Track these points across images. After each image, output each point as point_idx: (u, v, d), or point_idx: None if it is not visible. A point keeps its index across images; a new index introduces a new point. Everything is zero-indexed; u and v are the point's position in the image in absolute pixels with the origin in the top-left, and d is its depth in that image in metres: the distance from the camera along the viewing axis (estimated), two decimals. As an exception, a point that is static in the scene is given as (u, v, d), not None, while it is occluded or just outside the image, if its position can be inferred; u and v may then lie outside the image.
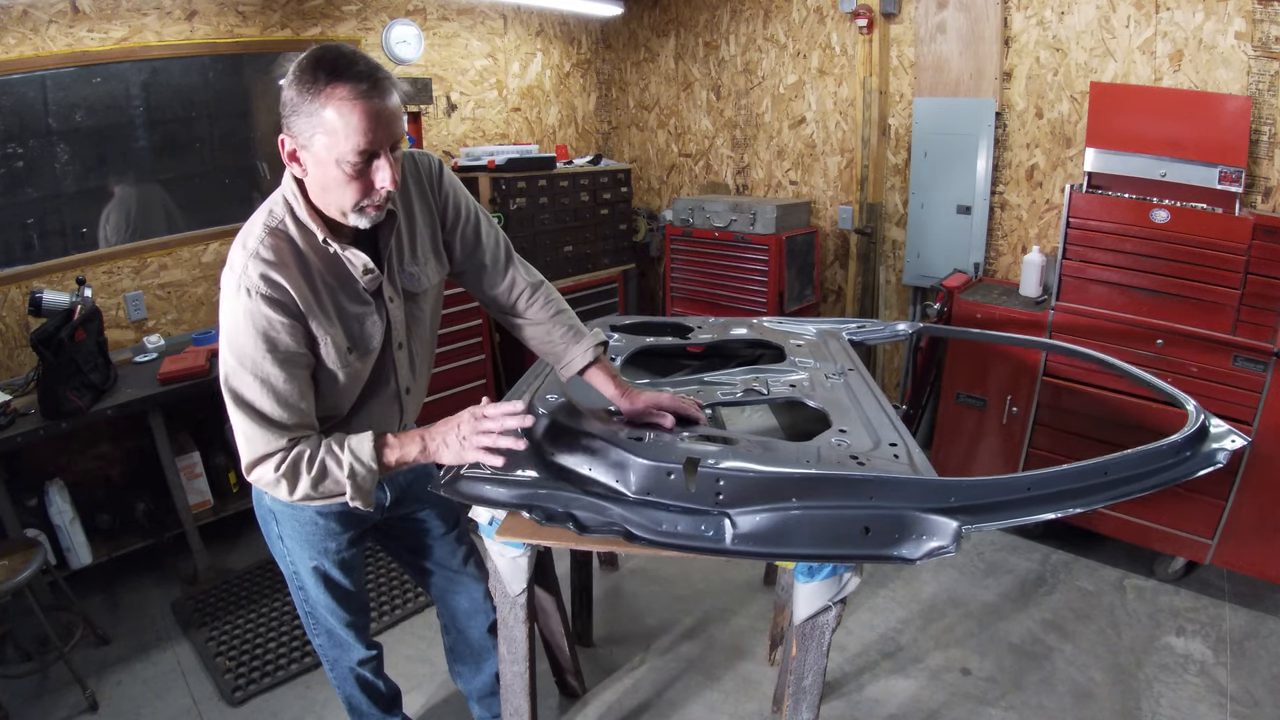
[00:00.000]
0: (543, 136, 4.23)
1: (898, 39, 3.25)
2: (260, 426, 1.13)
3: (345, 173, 1.08)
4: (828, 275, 3.78)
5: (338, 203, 1.13)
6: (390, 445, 1.21)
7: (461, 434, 1.21)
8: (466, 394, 3.29)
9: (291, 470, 1.15)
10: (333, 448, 1.17)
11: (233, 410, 1.14)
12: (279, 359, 1.12)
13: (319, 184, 1.13)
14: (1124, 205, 2.38)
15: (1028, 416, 2.67)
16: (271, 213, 1.17)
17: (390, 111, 1.08)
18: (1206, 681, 2.07)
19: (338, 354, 1.20)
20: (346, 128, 1.04)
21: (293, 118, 1.07)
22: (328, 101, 1.04)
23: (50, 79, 2.55)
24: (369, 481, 1.19)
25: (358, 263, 1.20)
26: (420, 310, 1.36)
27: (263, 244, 1.13)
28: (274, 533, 1.44)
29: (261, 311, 1.10)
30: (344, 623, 1.53)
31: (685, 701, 2.07)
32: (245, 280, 1.10)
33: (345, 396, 1.27)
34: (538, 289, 1.45)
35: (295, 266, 1.14)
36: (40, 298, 2.31)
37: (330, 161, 1.07)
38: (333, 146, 1.06)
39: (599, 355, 1.45)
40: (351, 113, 1.04)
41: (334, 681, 1.66)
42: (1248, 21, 2.38)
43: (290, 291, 1.12)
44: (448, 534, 1.63)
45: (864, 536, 1.18)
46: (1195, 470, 1.31)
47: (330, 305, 1.19)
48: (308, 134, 1.07)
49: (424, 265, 1.33)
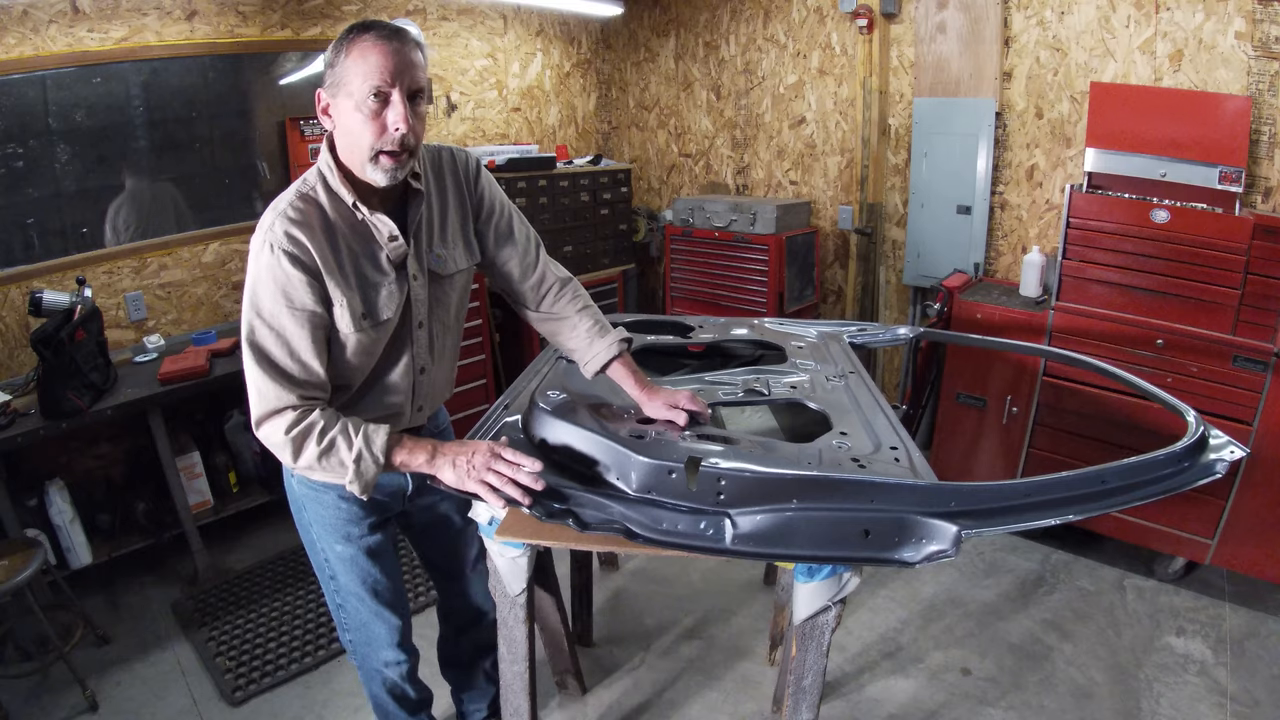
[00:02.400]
0: (543, 136, 4.23)
1: (898, 39, 3.25)
2: (272, 379, 1.17)
3: (364, 114, 1.14)
4: (828, 275, 3.78)
5: (359, 149, 1.18)
6: (402, 446, 1.25)
7: (472, 463, 1.24)
8: (466, 394, 3.29)
9: (301, 436, 1.18)
10: (347, 428, 1.21)
11: (248, 363, 1.19)
12: (296, 314, 1.17)
13: (345, 133, 1.18)
14: (1124, 205, 2.38)
15: (1028, 417, 2.67)
16: (305, 180, 1.24)
17: (407, 57, 1.15)
18: (1206, 681, 2.08)
19: (352, 319, 1.23)
20: (365, 66, 1.12)
21: (327, 73, 1.17)
22: (352, 48, 1.13)
23: (50, 79, 2.55)
24: (371, 472, 1.21)
25: (383, 229, 1.25)
26: (445, 294, 1.39)
27: (291, 205, 1.19)
28: (304, 520, 1.46)
29: (282, 266, 1.16)
30: (374, 614, 1.51)
31: (685, 701, 2.07)
32: (270, 236, 1.16)
33: (359, 367, 1.29)
34: (566, 284, 1.50)
35: (320, 229, 1.20)
36: (40, 298, 2.31)
37: (352, 107, 1.15)
38: (355, 88, 1.13)
39: (623, 350, 1.48)
40: (370, 52, 1.12)
41: (362, 678, 1.64)
42: (1248, 21, 2.38)
43: (311, 250, 1.17)
44: (464, 530, 1.64)
45: (864, 539, 1.18)
46: (1193, 480, 1.31)
47: (350, 269, 1.23)
48: (336, 83, 1.16)
49: (452, 249, 1.37)
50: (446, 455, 1.25)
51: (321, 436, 1.19)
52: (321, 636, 2.32)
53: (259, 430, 1.21)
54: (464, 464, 1.24)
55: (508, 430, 1.51)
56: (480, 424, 1.56)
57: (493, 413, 1.62)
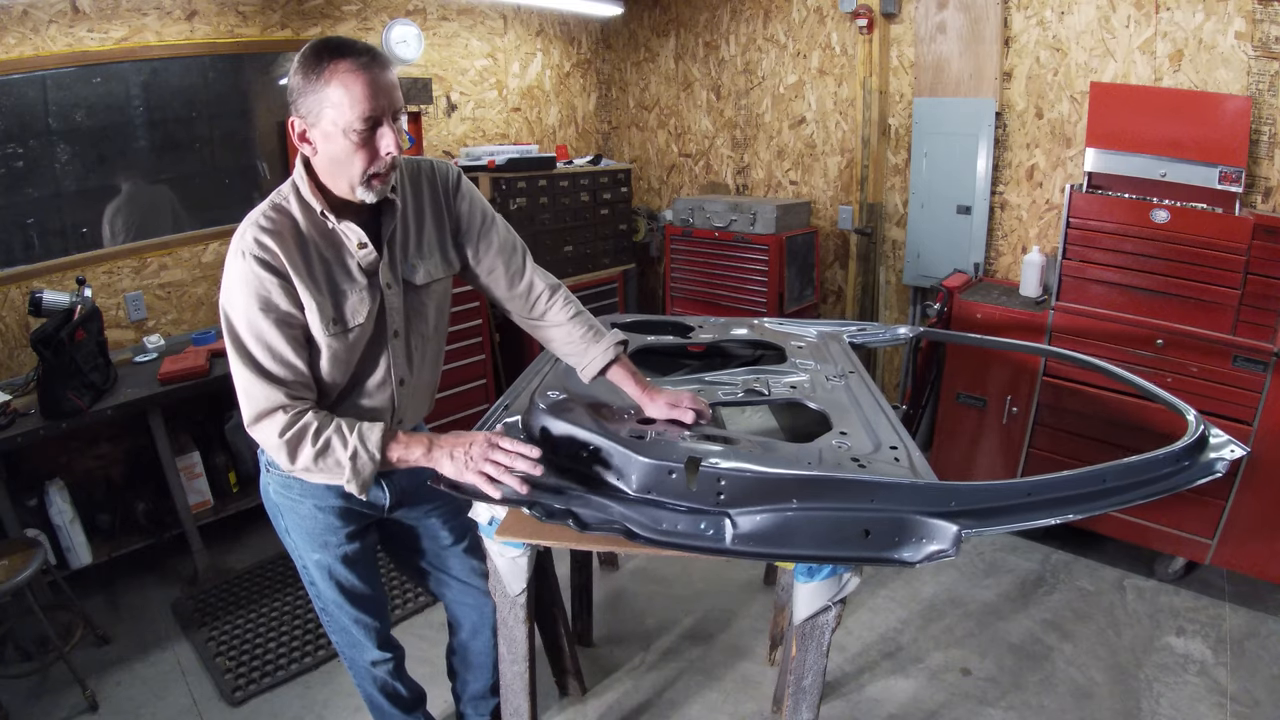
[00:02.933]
0: (543, 136, 4.23)
1: (898, 39, 3.25)
2: (258, 380, 1.19)
3: (353, 141, 1.15)
4: (828, 275, 3.78)
5: (347, 175, 1.19)
6: (398, 441, 1.26)
7: (470, 454, 1.25)
8: (466, 394, 3.30)
9: (296, 439, 1.19)
10: (341, 427, 1.22)
11: (235, 369, 1.21)
12: (272, 317, 1.19)
13: (328, 159, 1.19)
14: (1124, 205, 2.38)
15: (1028, 417, 2.67)
16: (279, 192, 1.26)
17: (389, 81, 1.17)
18: (1206, 681, 2.08)
19: (322, 322, 1.24)
20: (351, 97, 1.12)
21: (300, 100, 1.16)
22: (333, 76, 1.12)
23: (50, 79, 2.55)
24: (368, 469, 1.22)
25: (353, 236, 1.26)
26: (422, 304, 1.39)
27: (264, 215, 1.21)
28: (281, 527, 1.46)
29: (254, 271, 1.18)
30: (353, 620, 1.52)
31: (685, 701, 2.07)
32: (242, 244, 1.19)
33: (335, 375, 1.29)
34: (556, 291, 1.50)
35: (291, 237, 1.22)
36: (40, 298, 2.31)
37: (338, 133, 1.15)
38: (340, 117, 1.14)
39: (619, 354, 1.48)
40: (355, 83, 1.12)
41: (354, 680, 1.66)
42: (1248, 21, 2.38)
43: (280, 256, 1.19)
44: (456, 544, 1.62)
45: (864, 539, 1.18)
46: (1193, 480, 1.32)
47: (321, 275, 1.24)
48: (316, 111, 1.15)
49: (428, 260, 1.38)
50: (444, 447, 1.26)
51: (316, 437, 1.20)
52: (321, 636, 2.32)
53: (252, 431, 1.22)
54: (462, 455, 1.25)
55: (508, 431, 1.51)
56: (480, 425, 1.56)
57: (493, 413, 1.62)
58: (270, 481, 1.41)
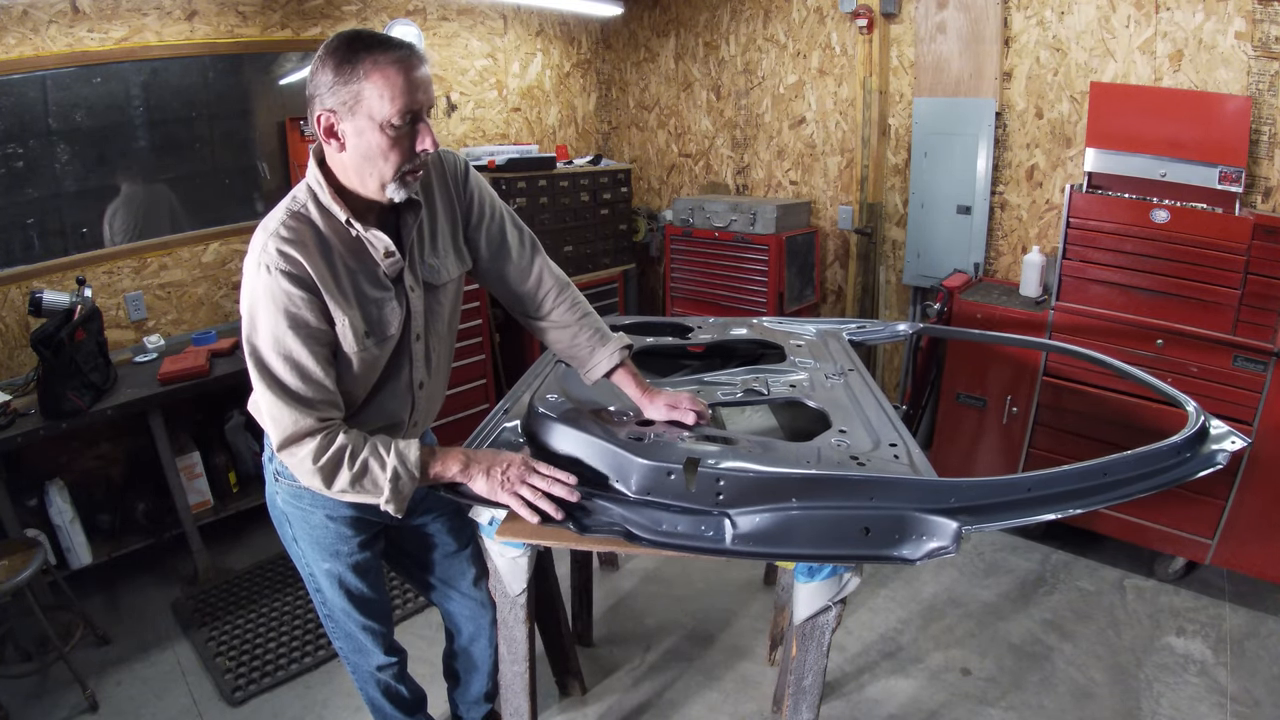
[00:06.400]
0: (543, 136, 4.23)
1: (898, 39, 3.25)
2: (286, 404, 1.14)
3: (389, 137, 1.11)
4: (828, 275, 3.78)
5: (379, 172, 1.14)
6: (435, 457, 1.24)
7: (506, 474, 1.24)
8: (466, 394, 3.29)
9: (332, 465, 1.15)
10: (378, 448, 1.19)
11: (259, 389, 1.15)
12: (300, 335, 1.13)
13: (360, 154, 1.13)
14: (1124, 205, 2.38)
15: (1028, 416, 2.67)
16: (294, 198, 1.19)
17: (428, 77, 1.14)
18: (1206, 681, 2.07)
19: (355, 337, 1.19)
20: (393, 90, 1.08)
21: (329, 95, 1.10)
22: (373, 68, 1.08)
23: (50, 79, 2.54)
24: (408, 488, 1.20)
25: (379, 245, 1.21)
26: (439, 304, 1.36)
27: (283, 225, 1.15)
28: (288, 535, 1.44)
29: (281, 287, 1.11)
30: (361, 626, 1.51)
31: (685, 701, 2.07)
32: (264, 258, 1.12)
33: (360, 385, 1.26)
34: (565, 290, 1.46)
35: (315, 247, 1.15)
36: (40, 298, 2.31)
37: (374, 128, 1.10)
38: (379, 111, 1.09)
39: (624, 359, 1.46)
40: (398, 75, 1.08)
41: (356, 684, 1.65)
42: (1248, 21, 2.38)
43: (308, 269, 1.13)
44: (458, 552, 1.62)
45: (864, 537, 1.18)
46: (1195, 472, 1.31)
47: (349, 287, 1.19)
48: (349, 105, 1.10)
49: (444, 258, 1.34)
50: (480, 464, 1.24)
51: (353, 461, 1.16)
52: (321, 636, 2.32)
53: (282, 456, 1.17)
54: (498, 474, 1.24)
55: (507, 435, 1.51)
56: (480, 429, 1.55)
57: (492, 418, 1.61)
58: (279, 491, 1.38)
